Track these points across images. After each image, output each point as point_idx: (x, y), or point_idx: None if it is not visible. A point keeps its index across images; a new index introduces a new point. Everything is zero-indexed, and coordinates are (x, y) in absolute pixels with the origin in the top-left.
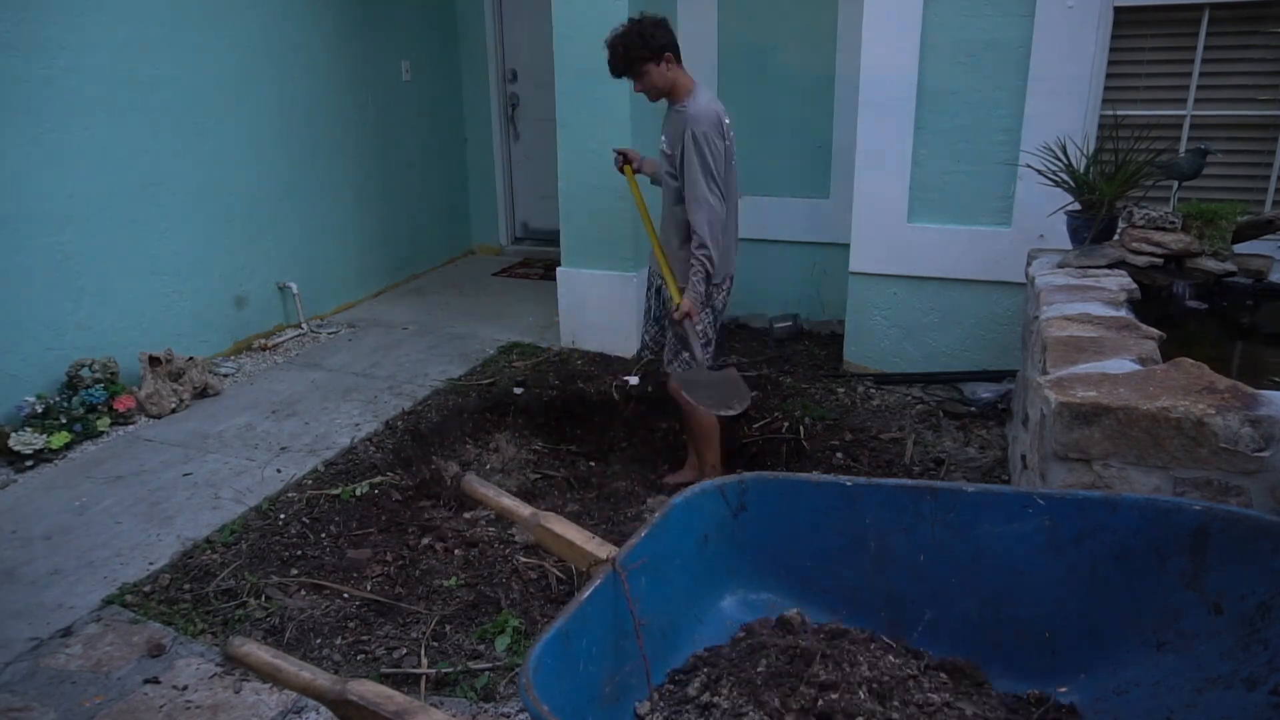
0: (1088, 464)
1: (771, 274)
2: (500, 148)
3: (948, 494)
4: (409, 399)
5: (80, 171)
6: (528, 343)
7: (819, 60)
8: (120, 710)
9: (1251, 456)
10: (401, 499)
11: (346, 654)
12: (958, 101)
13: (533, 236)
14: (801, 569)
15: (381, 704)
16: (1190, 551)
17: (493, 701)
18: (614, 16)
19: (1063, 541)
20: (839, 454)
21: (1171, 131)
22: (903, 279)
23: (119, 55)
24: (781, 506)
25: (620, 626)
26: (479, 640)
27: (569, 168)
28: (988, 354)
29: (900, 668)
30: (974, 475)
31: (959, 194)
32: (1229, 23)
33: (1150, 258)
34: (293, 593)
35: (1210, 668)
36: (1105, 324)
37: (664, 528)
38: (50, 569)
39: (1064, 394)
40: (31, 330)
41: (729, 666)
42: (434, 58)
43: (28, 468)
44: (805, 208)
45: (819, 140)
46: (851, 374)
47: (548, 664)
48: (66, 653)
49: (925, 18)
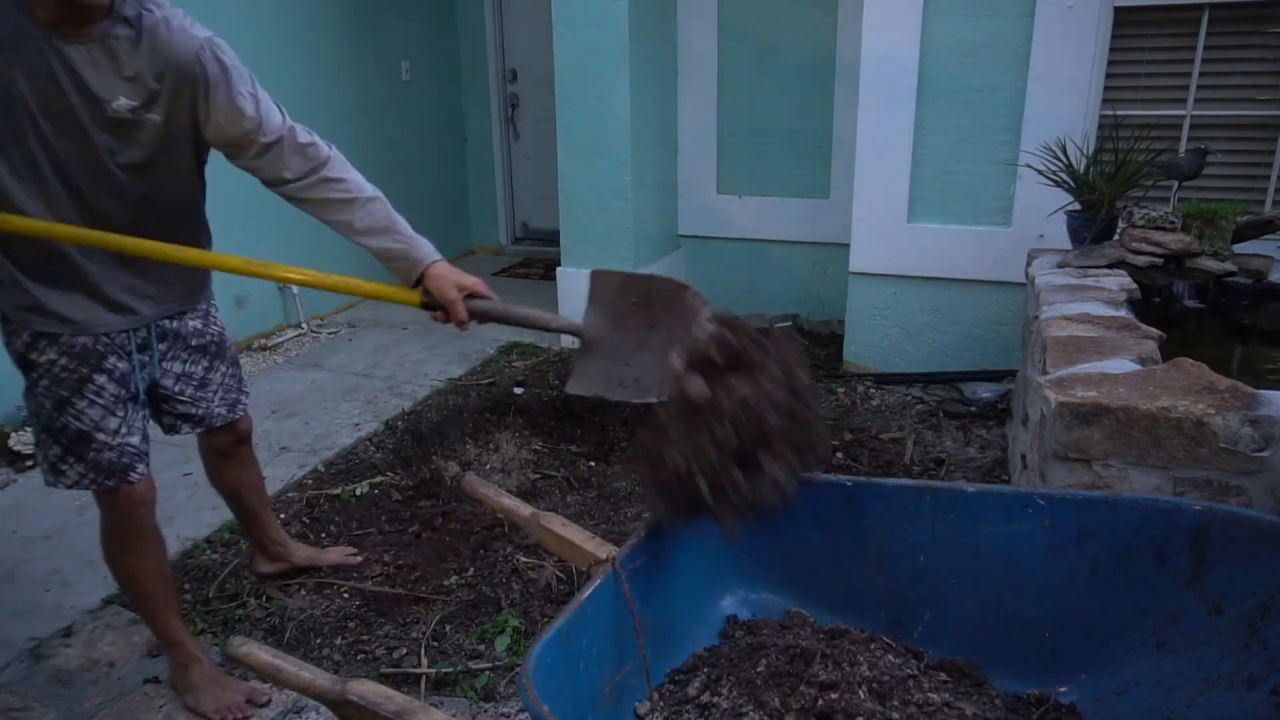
0: (1088, 464)
1: (771, 274)
2: (500, 148)
3: (948, 494)
4: (409, 399)
5: None
6: (528, 343)
7: (819, 60)
8: (120, 710)
9: (1251, 456)
10: (401, 499)
11: (346, 654)
12: (958, 101)
13: (533, 236)
14: (801, 569)
15: (381, 704)
16: (1191, 552)
17: (493, 701)
18: (614, 16)
19: (1063, 541)
20: (839, 454)
21: (1171, 131)
22: (903, 279)
23: None
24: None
25: (620, 626)
26: (479, 640)
27: (569, 168)
28: (988, 354)
29: (900, 667)
30: (974, 475)
31: (959, 194)
32: (1229, 23)
33: (1150, 258)
34: (293, 593)
35: (1210, 668)
36: (1105, 324)
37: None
38: (50, 569)
39: (1064, 394)
40: None
41: (729, 666)
42: (434, 58)
43: (28, 468)
44: (805, 208)
45: (819, 140)
46: (851, 374)
47: (548, 664)
48: (66, 653)
49: (925, 17)
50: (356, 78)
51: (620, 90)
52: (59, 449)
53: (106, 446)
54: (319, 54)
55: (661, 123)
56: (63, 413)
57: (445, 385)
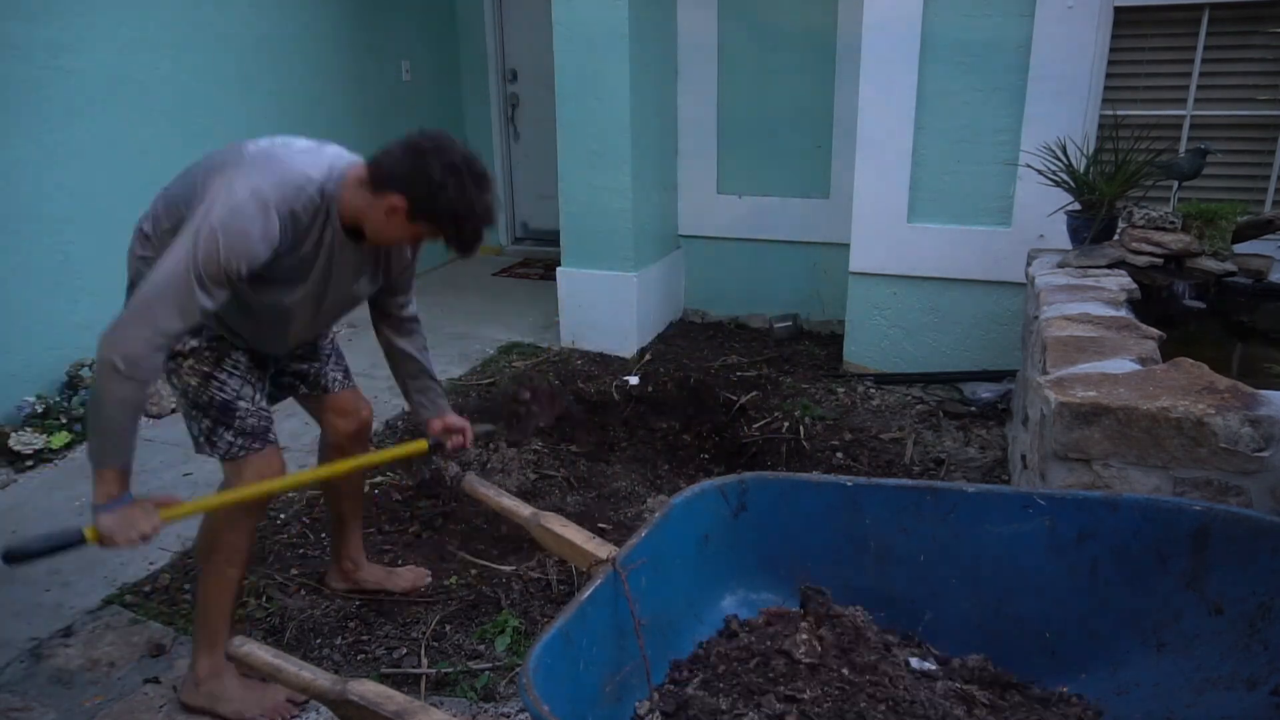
0: (1088, 464)
1: (771, 274)
2: (500, 148)
3: (948, 494)
4: None
5: (80, 171)
6: (528, 343)
7: (819, 58)
8: (120, 710)
9: (1251, 456)
10: (401, 499)
11: (346, 654)
12: (958, 101)
13: (533, 236)
14: (802, 569)
15: (382, 704)
16: (1191, 552)
17: (493, 701)
18: (614, 16)
19: (1063, 542)
20: (839, 454)
21: (1171, 131)
22: (902, 279)
23: (119, 55)
24: (782, 506)
25: (620, 626)
26: (479, 640)
27: (569, 168)
28: (988, 354)
29: (904, 666)
30: (974, 475)
31: (959, 194)
32: (1229, 23)
33: (1150, 258)
34: (293, 593)
35: (1210, 668)
36: (1105, 324)
37: (664, 528)
38: (50, 569)
39: (1064, 394)
40: (31, 330)
41: (729, 666)
42: (434, 58)
43: (28, 468)
44: (805, 208)
45: (819, 139)
46: (851, 374)
47: (548, 664)
48: (66, 653)
49: (925, 17)
50: (356, 78)
51: (620, 90)
52: (209, 421)
53: (249, 413)
54: (319, 54)
55: (661, 122)
56: (207, 386)
57: (445, 385)
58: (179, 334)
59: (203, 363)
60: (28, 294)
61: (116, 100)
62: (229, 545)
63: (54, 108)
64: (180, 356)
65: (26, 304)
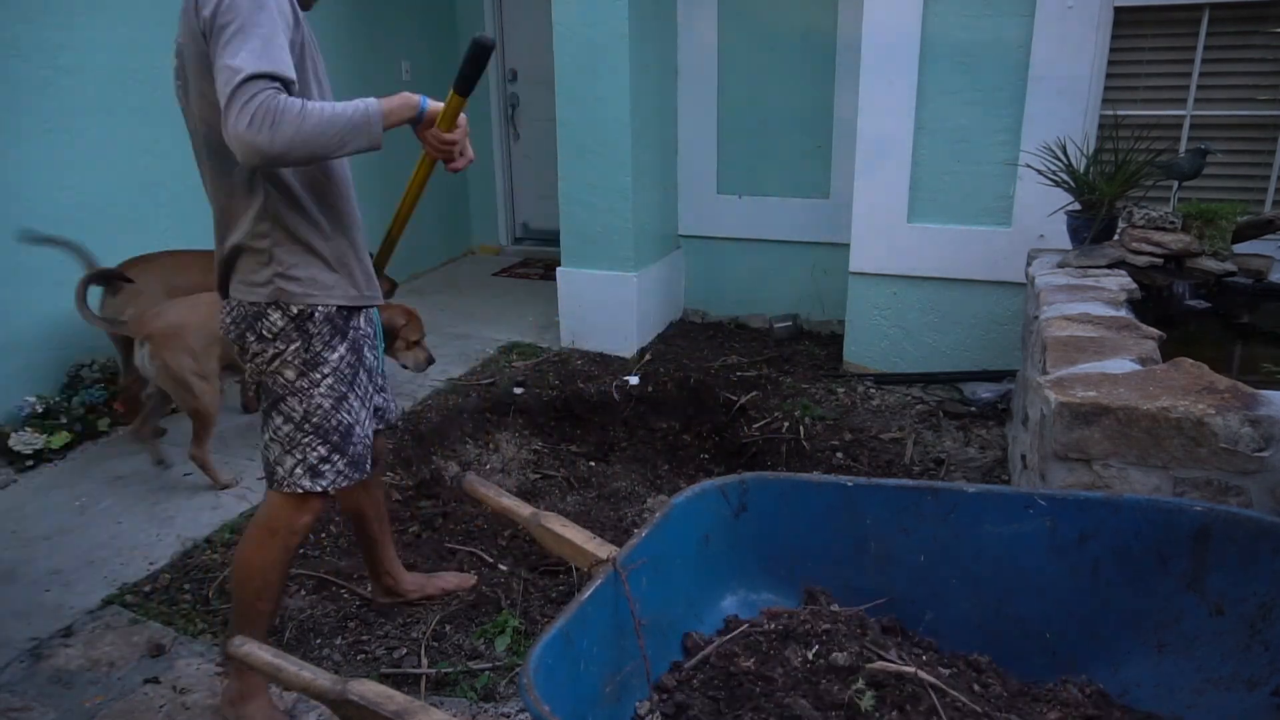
0: (1088, 464)
1: (771, 274)
2: (500, 148)
3: (948, 494)
4: (409, 399)
5: (80, 171)
6: (528, 343)
7: (819, 58)
8: (120, 710)
9: (1251, 456)
10: (401, 499)
11: (346, 654)
12: (958, 101)
13: (533, 236)
14: (802, 569)
15: (382, 704)
16: (1191, 552)
17: (493, 701)
18: (614, 17)
19: (1064, 542)
20: (839, 454)
21: (1171, 131)
22: (903, 279)
23: (119, 55)
24: (782, 507)
25: (621, 626)
26: (479, 640)
27: (569, 168)
28: (988, 354)
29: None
30: (974, 475)
31: (959, 194)
32: (1229, 23)
33: (1150, 258)
34: (293, 593)
35: (1211, 669)
36: (1105, 324)
37: (665, 528)
38: (50, 569)
39: (1064, 394)
40: (31, 330)
41: (729, 666)
42: (434, 58)
43: (28, 468)
44: (805, 208)
45: (819, 138)
46: (851, 374)
47: (548, 664)
48: (66, 653)
49: (925, 17)
50: (356, 78)
51: (620, 90)
52: (326, 448)
53: (361, 440)
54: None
55: (661, 122)
56: (340, 409)
57: (445, 385)
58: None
59: (342, 383)
60: (28, 294)
61: (117, 100)
62: (272, 564)
63: (54, 108)
64: (323, 371)
65: (26, 304)
